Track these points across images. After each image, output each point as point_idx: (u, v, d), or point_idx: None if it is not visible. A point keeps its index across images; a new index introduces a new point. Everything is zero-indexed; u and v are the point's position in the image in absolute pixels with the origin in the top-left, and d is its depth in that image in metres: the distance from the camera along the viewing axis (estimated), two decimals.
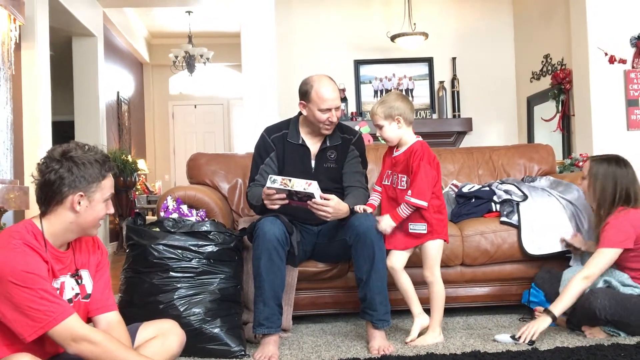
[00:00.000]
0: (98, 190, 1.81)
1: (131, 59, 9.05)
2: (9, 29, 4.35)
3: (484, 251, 3.04)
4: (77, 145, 1.82)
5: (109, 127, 7.41)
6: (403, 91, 6.50)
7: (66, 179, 1.76)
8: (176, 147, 10.11)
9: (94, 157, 1.81)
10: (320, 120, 2.73)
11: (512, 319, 2.99)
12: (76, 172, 1.76)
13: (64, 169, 1.76)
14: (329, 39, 6.46)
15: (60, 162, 1.77)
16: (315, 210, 2.53)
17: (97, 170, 1.80)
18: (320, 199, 2.49)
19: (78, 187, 1.77)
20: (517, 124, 6.55)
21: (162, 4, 7.35)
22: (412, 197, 2.52)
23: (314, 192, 2.46)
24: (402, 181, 2.63)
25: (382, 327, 2.56)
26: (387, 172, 2.72)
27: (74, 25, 6.33)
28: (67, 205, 1.78)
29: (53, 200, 1.78)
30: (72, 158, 1.77)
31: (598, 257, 2.59)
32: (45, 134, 5.13)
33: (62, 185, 1.76)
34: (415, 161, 2.55)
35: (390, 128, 2.62)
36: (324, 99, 2.69)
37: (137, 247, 2.56)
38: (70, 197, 1.77)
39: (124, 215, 7.25)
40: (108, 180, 1.84)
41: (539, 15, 6.00)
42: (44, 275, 1.72)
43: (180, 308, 2.44)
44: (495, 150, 3.85)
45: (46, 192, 1.78)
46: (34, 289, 1.67)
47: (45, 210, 1.81)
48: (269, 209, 2.57)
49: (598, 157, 2.83)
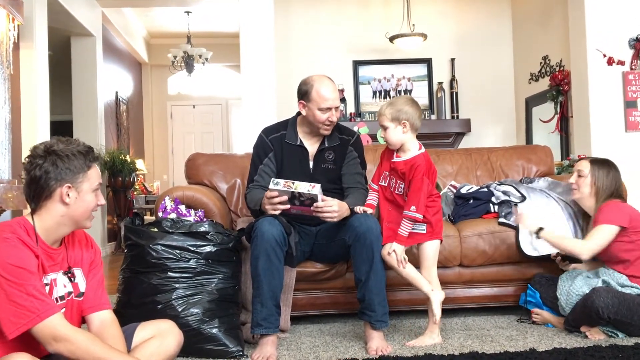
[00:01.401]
0: (85, 180, 1.83)
1: (130, 59, 9.04)
2: (8, 29, 4.34)
3: (482, 252, 3.05)
4: (58, 140, 1.85)
5: (108, 127, 7.40)
6: (402, 92, 6.51)
7: (52, 172, 1.78)
8: (175, 147, 10.10)
9: (77, 148, 1.83)
10: (320, 120, 2.74)
11: (510, 320, 2.99)
12: (61, 165, 1.78)
13: (48, 163, 1.78)
14: (328, 40, 6.47)
15: (44, 157, 1.79)
16: (320, 213, 2.53)
17: (82, 161, 1.82)
18: (320, 202, 2.50)
19: (65, 179, 1.79)
20: (516, 125, 6.57)
21: (161, 4, 7.34)
22: (411, 212, 2.54)
23: (318, 194, 2.47)
24: (399, 187, 2.64)
25: (380, 328, 2.56)
26: (384, 173, 2.72)
27: (72, 25, 6.32)
28: (57, 198, 1.80)
29: (42, 195, 1.80)
30: (55, 152, 1.79)
31: (597, 232, 2.68)
32: (43, 133, 5.13)
33: (48, 180, 1.78)
34: (417, 175, 2.56)
35: (395, 131, 2.61)
36: (324, 98, 2.69)
37: (135, 247, 2.56)
38: (59, 190, 1.79)
39: (122, 215, 7.25)
40: (94, 170, 1.86)
41: (537, 16, 6.01)
42: (34, 271, 1.72)
43: (178, 308, 2.44)
44: (494, 152, 3.85)
45: (34, 188, 1.80)
46: (21, 284, 1.67)
47: (35, 206, 1.82)
48: (270, 214, 2.57)
49: (596, 159, 2.95)
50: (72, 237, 1.94)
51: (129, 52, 8.93)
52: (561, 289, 2.75)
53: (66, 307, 1.86)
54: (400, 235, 2.56)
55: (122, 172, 7.06)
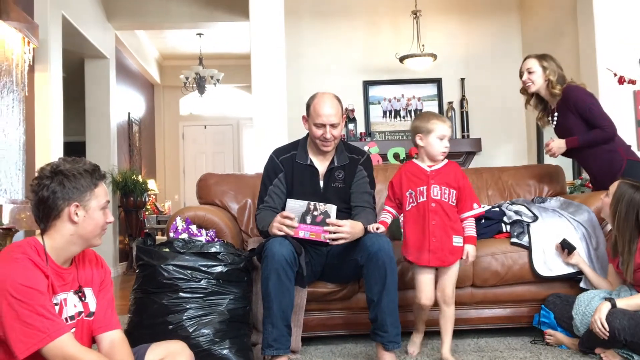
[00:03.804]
0: (92, 198, 1.84)
1: (142, 80, 9.15)
2: (23, 51, 4.42)
3: (494, 272, 3.02)
4: (64, 160, 1.87)
5: (120, 148, 7.47)
6: (412, 112, 6.53)
7: (59, 192, 1.79)
8: (186, 167, 10.16)
9: (83, 167, 1.85)
10: (315, 136, 2.75)
11: (524, 342, 2.95)
12: (68, 185, 1.80)
13: (55, 183, 1.80)
14: (338, 60, 6.51)
15: (51, 177, 1.81)
16: (333, 232, 2.53)
17: (89, 180, 1.84)
18: (333, 221, 2.51)
19: (72, 198, 1.80)
20: (527, 144, 6.54)
21: (174, 26, 7.44)
22: (475, 210, 2.65)
23: (332, 210, 2.49)
24: (452, 196, 2.64)
25: (392, 349, 2.54)
26: (417, 189, 2.65)
27: (86, 47, 6.43)
28: (65, 217, 1.81)
29: (50, 215, 1.81)
30: (61, 172, 1.81)
31: None
32: (56, 154, 5.18)
33: (56, 199, 1.79)
34: (460, 175, 2.66)
35: None
36: (318, 114, 2.72)
37: (147, 268, 2.57)
38: (67, 209, 1.80)
39: (134, 235, 7.27)
40: (101, 188, 1.88)
41: (547, 36, 6.02)
42: (43, 291, 1.72)
43: (189, 329, 2.44)
44: (505, 171, 3.84)
45: (42, 209, 1.81)
46: (31, 304, 1.68)
47: (44, 227, 1.83)
48: (273, 234, 2.57)
49: (629, 180, 2.78)
50: (82, 257, 1.95)
51: (142, 74, 9.04)
52: (577, 308, 2.70)
53: (76, 327, 1.86)
54: (472, 236, 2.63)
55: (134, 192, 7.10)
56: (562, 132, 3.42)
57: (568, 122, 3.34)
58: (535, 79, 3.38)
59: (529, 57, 3.46)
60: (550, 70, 3.34)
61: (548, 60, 3.38)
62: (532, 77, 3.39)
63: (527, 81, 3.41)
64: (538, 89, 3.42)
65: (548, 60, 3.38)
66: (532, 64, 3.38)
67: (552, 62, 3.38)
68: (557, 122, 3.42)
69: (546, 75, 3.35)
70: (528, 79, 3.40)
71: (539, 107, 3.54)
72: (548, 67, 3.35)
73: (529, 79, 3.40)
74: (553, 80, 3.33)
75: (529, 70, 3.39)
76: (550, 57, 3.42)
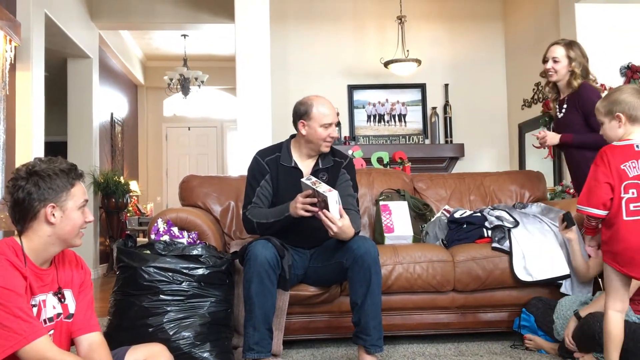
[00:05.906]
0: (69, 198, 1.82)
1: (126, 81, 9.09)
2: (4, 50, 4.37)
3: (475, 277, 3.04)
4: (40, 160, 1.84)
5: (102, 148, 7.40)
6: (396, 117, 6.56)
7: (34, 193, 1.77)
8: (169, 168, 10.10)
9: (59, 167, 1.83)
10: (322, 137, 2.79)
11: (504, 346, 2.97)
12: (43, 185, 1.78)
13: (30, 184, 1.78)
14: (323, 64, 6.53)
15: (26, 179, 1.79)
16: (323, 220, 2.54)
17: (64, 179, 1.82)
18: (330, 213, 2.50)
19: (48, 199, 1.78)
20: (509, 150, 6.61)
21: (159, 27, 7.40)
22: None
23: (330, 198, 2.47)
24: None
25: (374, 353, 2.54)
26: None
27: (69, 46, 6.36)
28: (42, 219, 1.79)
29: (27, 217, 1.79)
30: (37, 172, 1.79)
31: None
32: (38, 154, 5.11)
33: (32, 201, 1.77)
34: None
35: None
36: (325, 114, 2.77)
37: (128, 270, 2.55)
38: (43, 210, 1.78)
39: (114, 236, 7.20)
40: (78, 187, 1.85)
41: (530, 43, 6.09)
42: (21, 293, 1.70)
43: (169, 332, 2.42)
44: (487, 176, 3.87)
45: (18, 210, 1.79)
46: (8, 306, 1.66)
47: (21, 228, 1.81)
48: (299, 215, 2.57)
49: None
50: (62, 258, 1.93)
51: (125, 74, 8.98)
52: (558, 312, 2.73)
53: (55, 328, 1.84)
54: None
55: (115, 193, 7.03)
56: (562, 126, 3.35)
57: (571, 118, 3.28)
58: (559, 69, 3.29)
59: (556, 43, 3.34)
60: (576, 63, 3.24)
61: (575, 50, 3.27)
62: (556, 66, 3.29)
63: (550, 70, 3.31)
64: (558, 79, 3.33)
65: (575, 50, 3.27)
66: (560, 54, 3.28)
67: (578, 52, 3.27)
68: (564, 114, 3.34)
69: (571, 67, 3.25)
70: (552, 68, 3.30)
71: (554, 93, 3.43)
72: (575, 58, 3.24)
73: (553, 68, 3.30)
74: (577, 72, 3.23)
75: (555, 59, 3.28)
76: (577, 45, 3.32)
